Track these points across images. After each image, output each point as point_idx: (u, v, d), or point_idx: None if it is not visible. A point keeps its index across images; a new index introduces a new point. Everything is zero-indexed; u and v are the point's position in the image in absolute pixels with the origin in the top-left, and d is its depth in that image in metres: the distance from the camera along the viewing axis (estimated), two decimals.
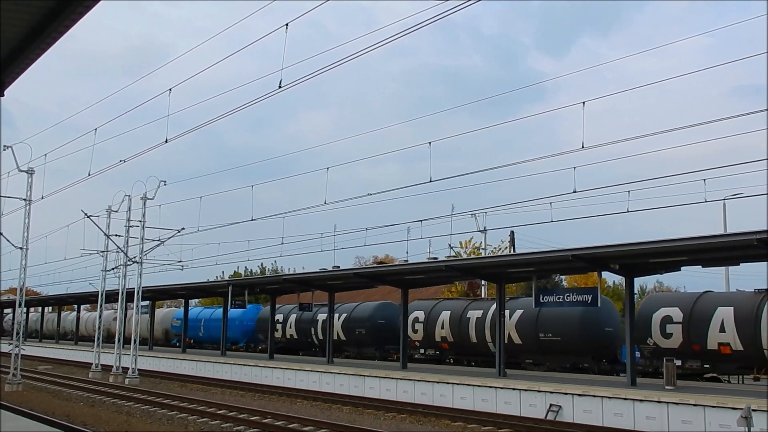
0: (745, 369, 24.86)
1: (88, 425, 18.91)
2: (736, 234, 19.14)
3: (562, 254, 22.58)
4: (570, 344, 28.76)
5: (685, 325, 25.37)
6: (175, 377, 36.24)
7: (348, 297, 44.45)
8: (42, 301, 71.73)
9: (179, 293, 47.39)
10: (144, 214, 33.98)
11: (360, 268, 46.58)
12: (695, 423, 17.54)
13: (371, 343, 38.00)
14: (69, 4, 7.19)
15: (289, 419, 20.04)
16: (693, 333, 25.18)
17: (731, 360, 24.65)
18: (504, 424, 19.69)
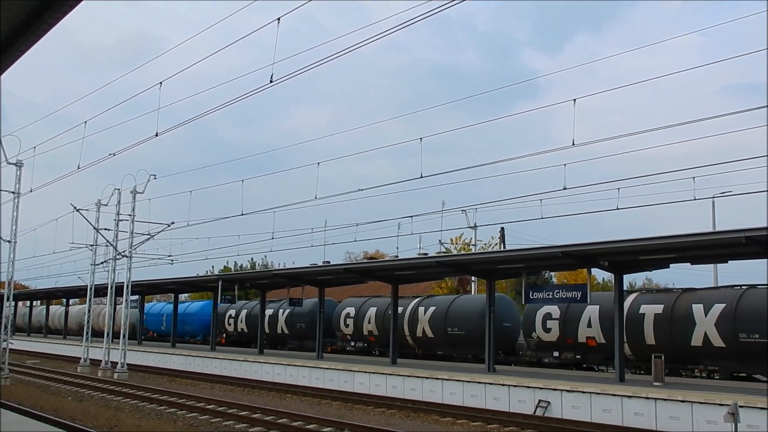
0: (608, 359, 27.11)
1: (76, 420, 18.86)
2: (724, 232, 19.23)
3: (552, 251, 22.64)
4: (473, 337, 31.47)
5: (561, 321, 29.07)
6: (164, 372, 36.17)
7: (337, 293, 44.44)
8: (30, 295, 71.44)
9: (169, 288, 47.28)
10: (134, 208, 33.84)
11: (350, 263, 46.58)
12: (683, 419, 17.65)
13: (311, 337, 39.62)
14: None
15: (279, 414, 20.05)
16: (567, 328, 28.87)
17: (597, 351, 28.09)
18: (493, 419, 19.75)
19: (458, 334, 32.49)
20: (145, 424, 18.59)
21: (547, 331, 29.59)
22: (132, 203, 33.83)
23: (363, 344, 37.92)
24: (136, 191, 33.34)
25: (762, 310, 23.10)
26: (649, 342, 26.04)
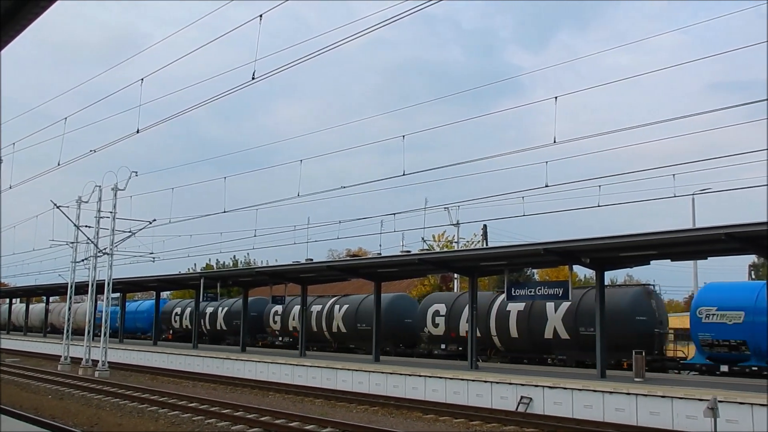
0: (483, 350, 31.22)
1: (56, 418, 18.71)
2: (704, 228, 19.40)
3: (534, 248, 22.74)
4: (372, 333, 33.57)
5: (446, 317, 32.92)
6: (146, 370, 35.99)
7: (321, 290, 44.43)
8: (10, 293, 70.78)
9: (150, 285, 47.03)
10: (115, 205, 33.58)
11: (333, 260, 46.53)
12: (663, 414, 17.80)
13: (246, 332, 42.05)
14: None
15: (261, 412, 20.00)
16: (451, 324, 32.63)
17: (477, 343, 29.46)
18: (475, 416, 19.82)
19: (366, 330, 35.37)
20: (126, 423, 18.48)
21: (435, 326, 33.38)
22: (113, 200, 33.58)
23: (289, 339, 41.70)
24: (117, 188, 33.08)
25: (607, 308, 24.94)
26: (513, 335, 30.12)
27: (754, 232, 17.82)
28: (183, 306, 51.82)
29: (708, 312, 25.51)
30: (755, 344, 24.18)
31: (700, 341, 25.83)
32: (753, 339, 24.21)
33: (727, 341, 25.01)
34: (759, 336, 23.89)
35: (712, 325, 25.35)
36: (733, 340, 24.80)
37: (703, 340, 25.65)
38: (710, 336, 25.42)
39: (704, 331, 25.54)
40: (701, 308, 25.84)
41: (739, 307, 24.73)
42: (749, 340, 24.37)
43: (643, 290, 28.84)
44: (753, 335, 24.18)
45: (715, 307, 25.44)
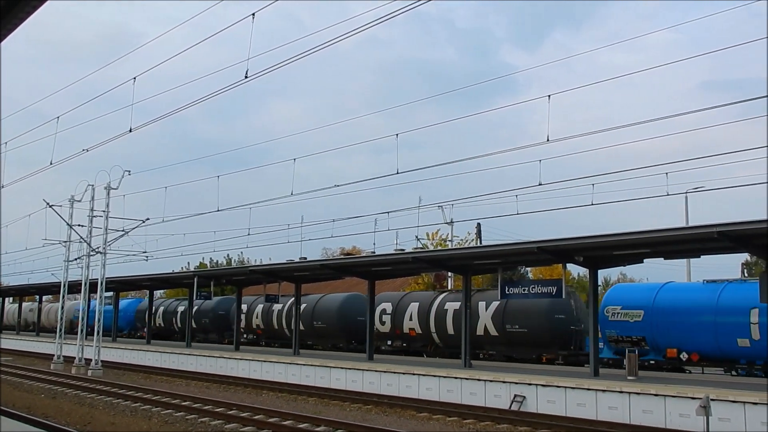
0: (424, 346, 34.06)
1: (49, 417, 18.65)
2: (697, 227, 19.45)
3: (528, 246, 22.76)
4: (332, 330, 38.69)
5: (392, 315, 35.25)
6: (139, 369, 35.92)
7: (314, 288, 44.41)
8: (2, 292, 70.51)
9: (144, 284, 46.96)
10: (108, 204, 33.46)
11: (327, 259, 46.50)
12: (656, 412, 17.85)
13: (214, 330, 47.62)
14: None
15: (254, 410, 19.98)
16: (396, 321, 34.97)
17: (417, 340, 34.24)
18: (469, 414, 19.83)
19: (321, 327, 39.00)
20: (119, 422, 18.43)
21: (383, 324, 35.50)
22: (106, 199, 33.46)
23: (253, 336, 44.63)
24: (110, 187, 32.99)
25: (526, 306, 29.16)
26: (450, 332, 32.03)
27: (746, 230, 17.87)
28: (156, 305, 53.93)
29: (614, 311, 27.68)
30: (653, 340, 26.40)
31: (607, 337, 27.85)
32: (651, 335, 26.45)
33: (629, 337, 27.09)
34: (656, 332, 26.24)
35: (617, 322, 27.46)
36: (635, 336, 26.92)
37: (609, 336, 27.72)
38: (615, 332, 27.56)
39: (610, 328, 27.61)
40: (608, 307, 27.89)
41: (639, 306, 26.89)
42: (648, 336, 26.52)
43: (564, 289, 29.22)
44: (651, 332, 26.40)
45: (620, 306, 27.58)
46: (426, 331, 33.32)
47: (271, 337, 43.04)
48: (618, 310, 27.65)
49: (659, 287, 27.23)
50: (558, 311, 29.16)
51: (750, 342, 23.63)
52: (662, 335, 26.12)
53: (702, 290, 25.91)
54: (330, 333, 38.74)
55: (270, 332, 42.94)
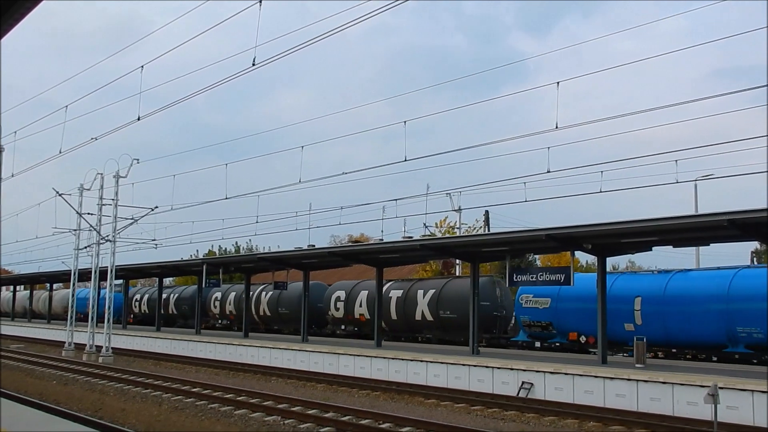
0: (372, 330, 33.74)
1: (61, 403, 18.84)
2: (706, 215, 19.40)
3: (536, 234, 22.75)
4: (295, 315, 39.57)
5: (345, 302, 38.19)
6: (149, 355, 36.17)
7: (322, 276, 44.52)
8: (14, 280, 70.98)
9: (153, 272, 47.21)
10: (116, 193, 33.61)
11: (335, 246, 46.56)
12: (663, 400, 17.88)
13: (191, 316, 48.11)
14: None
15: (264, 397, 20.12)
16: (348, 308, 37.91)
17: (366, 324, 36.63)
18: (477, 401, 19.91)
19: (285, 313, 42.30)
20: (130, 407, 18.60)
21: (337, 310, 38.74)
22: (115, 187, 33.62)
23: (227, 321, 47.73)
24: (118, 175, 33.12)
25: (456, 295, 32.39)
26: (393, 317, 35.16)
27: (756, 218, 17.80)
28: (142, 293, 57.15)
29: (527, 298, 30.70)
30: (558, 324, 29.54)
31: (522, 322, 31.14)
32: (557, 320, 29.55)
33: (539, 322, 30.25)
34: (561, 318, 29.36)
35: (529, 309, 30.58)
36: (543, 321, 30.08)
37: (523, 321, 30.99)
38: (528, 318, 30.66)
39: (524, 314, 30.83)
40: (523, 295, 30.93)
41: (547, 294, 29.55)
42: (554, 322, 29.64)
43: (488, 280, 33.28)
44: (557, 317, 29.50)
45: (532, 294, 30.36)
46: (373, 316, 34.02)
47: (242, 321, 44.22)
48: (530, 298, 30.50)
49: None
50: (483, 299, 30.54)
51: (634, 326, 26.39)
52: (565, 321, 29.16)
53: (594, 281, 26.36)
54: (292, 318, 41.13)
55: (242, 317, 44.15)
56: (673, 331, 25.72)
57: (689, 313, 25.18)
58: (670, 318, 25.57)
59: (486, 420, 17.59)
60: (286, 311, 42.18)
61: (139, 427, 15.45)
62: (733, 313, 24.17)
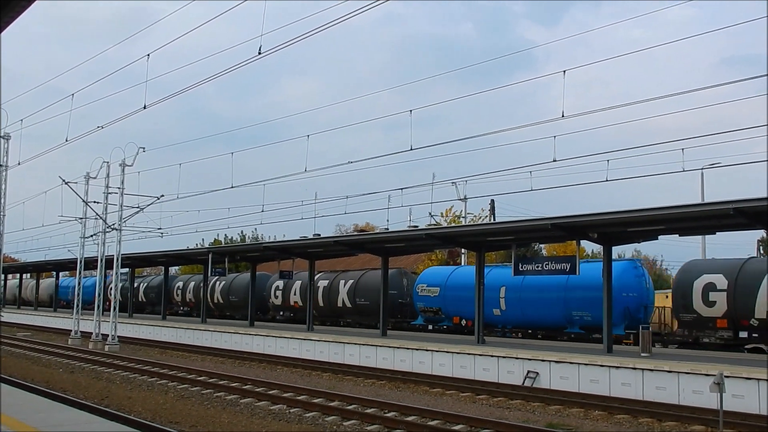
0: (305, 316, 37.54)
1: (67, 391, 18.92)
2: (712, 203, 19.33)
3: (542, 223, 22.70)
4: (242, 302, 44.46)
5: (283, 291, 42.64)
6: (155, 344, 36.28)
7: (328, 265, 44.57)
8: (20, 268, 71.25)
9: (159, 260, 47.28)
10: (123, 181, 33.62)
11: (340, 236, 46.58)
12: (669, 389, 17.87)
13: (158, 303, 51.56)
14: None
15: (270, 385, 20.16)
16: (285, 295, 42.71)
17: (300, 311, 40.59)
18: (482, 390, 19.92)
19: (235, 301, 46.75)
20: (136, 396, 18.67)
21: (276, 298, 43.30)
22: (121, 176, 33.62)
23: (187, 308, 52.36)
24: (125, 164, 33.12)
25: (370, 284, 36.71)
26: (321, 304, 39.71)
27: (763, 207, 17.73)
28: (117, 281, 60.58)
29: (423, 287, 35.09)
30: (446, 310, 34.10)
31: (418, 308, 35.64)
32: (444, 306, 34.06)
33: (431, 308, 34.83)
34: (447, 304, 33.87)
35: (424, 296, 34.95)
36: (435, 307, 34.58)
37: (420, 307, 35.45)
38: (423, 304, 35.12)
39: (420, 301, 35.30)
40: (419, 285, 35.46)
41: (437, 284, 34.41)
42: (442, 307, 34.14)
43: (397, 272, 38.24)
44: (444, 304, 33.99)
45: (426, 283, 35.12)
46: (305, 303, 38.18)
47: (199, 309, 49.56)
48: (425, 287, 35.06)
49: (453, 270, 35.37)
50: (392, 288, 35.39)
51: (500, 311, 31.22)
52: (450, 306, 33.77)
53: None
54: (241, 305, 45.37)
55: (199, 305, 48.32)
56: (528, 315, 30.46)
57: (539, 300, 29.78)
58: (526, 303, 30.14)
59: (491, 409, 17.60)
60: (235, 299, 46.93)
61: (145, 415, 15.49)
62: (570, 299, 28.90)
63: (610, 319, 22.95)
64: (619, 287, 26.67)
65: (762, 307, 24.06)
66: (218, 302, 48.73)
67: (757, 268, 25.06)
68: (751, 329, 24.61)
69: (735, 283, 24.99)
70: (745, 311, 24.69)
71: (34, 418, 9.11)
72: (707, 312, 25.62)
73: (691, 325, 26.39)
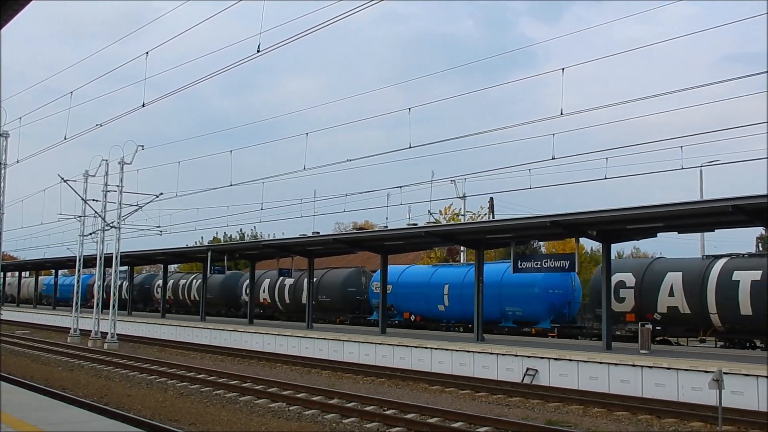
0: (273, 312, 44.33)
1: (66, 389, 18.92)
2: (711, 200, 19.35)
3: (540, 220, 22.71)
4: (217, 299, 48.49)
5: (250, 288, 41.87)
6: (154, 342, 36.29)
7: (326, 263, 44.57)
8: (19, 266, 71.23)
9: (158, 258, 47.28)
10: (122, 179, 33.61)
11: (339, 233, 46.60)
12: (668, 386, 17.89)
13: (140, 300, 56.71)
14: None
15: (269, 383, 20.17)
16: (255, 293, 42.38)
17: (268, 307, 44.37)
18: (481, 387, 19.94)
19: (210, 298, 47.75)
20: (135, 394, 18.67)
21: (246, 295, 43.59)
22: (120, 174, 33.63)
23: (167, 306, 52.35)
24: (123, 162, 33.11)
25: (331, 282, 40.03)
26: (287, 301, 42.61)
27: (761, 204, 17.74)
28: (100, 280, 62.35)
29: (377, 286, 35.25)
30: (397, 306, 36.24)
31: (373, 304, 37.27)
32: (396, 303, 36.03)
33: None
34: (398, 301, 35.92)
35: (377, 294, 34.77)
36: (388, 304, 34.43)
37: (374, 304, 36.67)
38: (377, 301, 35.24)
39: (375, 298, 36.23)
40: (374, 283, 36.91)
41: (389, 282, 34.28)
42: (394, 304, 35.95)
43: (356, 270, 40.69)
44: (396, 300, 35.88)
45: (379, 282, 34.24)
46: (273, 300, 43.59)
47: (179, 306, 53.47)
48: (378, 285, 34.92)
49: (403, 269, 37.44)
50: (350, 285, 39.14)
51: (444, 308, 33.59)
52: (401, 303, 36.08)
53: (426, 272, 35.97)
54: (216, 302, 48.57)
55: (177, 302, 53.29)
56: (467, 310, 31.11)
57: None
58: (466, 300, 31.12)
59: (491, 406, 17.62)
60: (210, 296, 48.44)
61: (144, 413, 15.50)
62: (503, 296, 31.21)
63: (608, 316, 22.96)
64: (546, 285, 30.22)
65: (663, 302, 26.13)
66: (193, 299, 50.88)
67: (660, 268, 26.89)
68: (655, 322, 26.37)
69: (641, 281, 26.89)
70: (650, 306, 26.54)
71: (34, 416, 9.11)
72: (618, 307, 27.05)
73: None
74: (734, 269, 24.52)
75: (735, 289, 24.11)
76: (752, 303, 23.53)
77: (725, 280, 24.44)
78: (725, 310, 24.33)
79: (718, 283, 24.46)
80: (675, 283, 25.83)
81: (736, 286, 24.12)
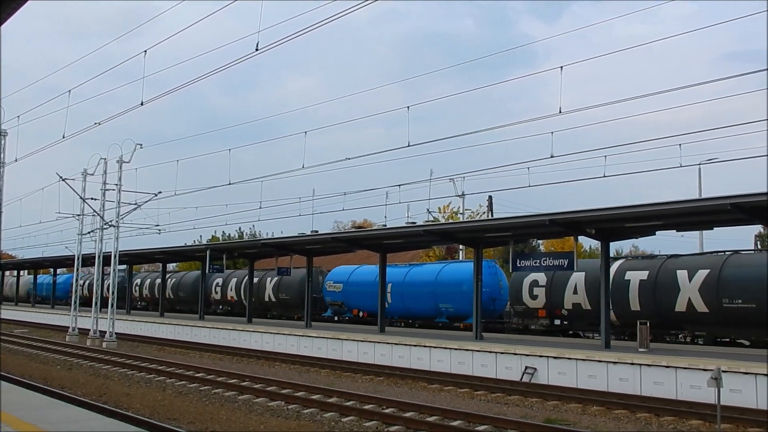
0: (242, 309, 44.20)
1: (65, 388, 18.91)
2: (709, 199, 19.35)
3: (539, 219, 22.71)
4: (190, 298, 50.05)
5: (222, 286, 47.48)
6: (153, 341, 36.27)
7: (326, 261, 44.61)
8: (17, 265, 71.18)
9: (157, 257, 47.26)
10: (120, 178, 33.58)
11: (338, 232, 46.61)
12: (667, 384, 17.90)
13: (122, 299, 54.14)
14: None
15: (268, 382, 20.17)
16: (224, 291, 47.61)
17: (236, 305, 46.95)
18: (480, 386, 19.95)
19: (183, 296, 51.73)
20: (134, 392, 18.66)
21: (216, 293, 48.44)
22: (118, 172, 33.58)
23: (146, 303, 56.87)
24: (122, 160, 33.08)
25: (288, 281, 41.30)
26: (266, 300, 44.22)
27: (760, 202, 17.75)
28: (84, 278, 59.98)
29: (330, 284, 39.97)
30: (347, 303, 39.13)
31: (327, 302, 40.43)
32: (346, 300, 39.14)
33: (336, 302, 39.91)
34: (348, 298, 38.88)
35: (331, 292, 39.94)
36: (339, 301, 39.63)
37: (328, 301, 40.31)
38: (330, 299, 40.03)
39: (328, 296, 40.14)
40: (327, 281, 40.29)
41: (341, 281, 39.48)
42: (344, 301, 39.16)
43: (316, 270, 40.32)
44: (346, 298, 39.08)
45: (332, 281, 40.09)
46: (239, 298, 45.82)
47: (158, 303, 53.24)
48: (331, 284, 40.04)
49: (354, 269, 39.73)
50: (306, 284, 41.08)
51: (388, 304, 34.40)
52: (350, 300, 38.80)
53: (373, 271, 36.32)
54: (189, 300, 50.46)
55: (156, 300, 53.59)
56: (408, 307, 35.54)
57: (415, 294, 34.94)
58: (406, 297, 35.02)
59: (489, 404, 17.62)
60: (183, 294, 51.88)
61: (143, 412, 15.49)
62: (437, 294, 33.85)
63: (608, 316, 22.96)
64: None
65: (569, 299, 28.88)
66: (170, 297, 52.70)
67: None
68: (563, 317, 29.99)
69: (552, 281, 29.56)
70: (558, 303, 29.40)
71: (33, 415, 9.11)
72: (533, 304, 30.45)
73: (521, 314, 31.53)
74: (627, 270, 27.26)
75: (626, 287, 26.71)
76: (640, 300, 26.22)
77: (619, 280, 26.92)
78: (618, 306, 26.69)
79: (614, 282, 26.25)
80: (578, 283, 28.53)
81: (627, 285, 26.74)
